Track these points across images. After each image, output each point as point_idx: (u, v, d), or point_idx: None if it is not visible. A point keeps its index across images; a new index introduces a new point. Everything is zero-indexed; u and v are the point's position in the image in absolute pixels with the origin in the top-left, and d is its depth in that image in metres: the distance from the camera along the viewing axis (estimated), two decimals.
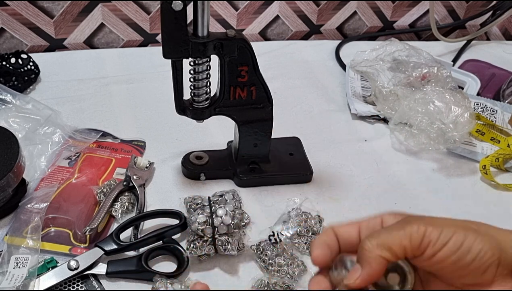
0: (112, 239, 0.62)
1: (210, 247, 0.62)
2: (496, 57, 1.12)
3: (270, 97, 0.69)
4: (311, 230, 0.67)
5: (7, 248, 0.60)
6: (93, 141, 0.78)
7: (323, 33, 1.19)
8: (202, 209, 0.63)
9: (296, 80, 1.00)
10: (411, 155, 0.84)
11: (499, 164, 0.82)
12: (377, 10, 1.19)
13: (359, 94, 0.95)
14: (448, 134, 0.79)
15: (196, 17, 0.61)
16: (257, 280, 0.60)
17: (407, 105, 0.83)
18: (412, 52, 0.95)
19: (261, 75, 0.67)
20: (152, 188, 0.73)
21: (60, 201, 0.68)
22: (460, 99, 0.81)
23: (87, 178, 0.72)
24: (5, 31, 0.98)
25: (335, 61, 1.07)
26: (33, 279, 0.57)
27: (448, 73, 0.90)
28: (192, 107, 0.69)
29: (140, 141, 0.80)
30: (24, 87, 0.88)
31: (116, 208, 0.68)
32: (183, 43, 0.62)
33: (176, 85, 0.66)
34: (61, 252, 0.63)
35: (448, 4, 1.22)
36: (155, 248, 0.63)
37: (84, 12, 1.00)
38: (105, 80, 0.94)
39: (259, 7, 1.10)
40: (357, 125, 0.90)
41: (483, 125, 0.85)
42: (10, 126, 0.75)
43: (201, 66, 0.65)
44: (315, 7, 1.14)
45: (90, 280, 0.60)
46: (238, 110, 0.69)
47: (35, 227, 0.63)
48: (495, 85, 1.01)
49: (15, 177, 0.65)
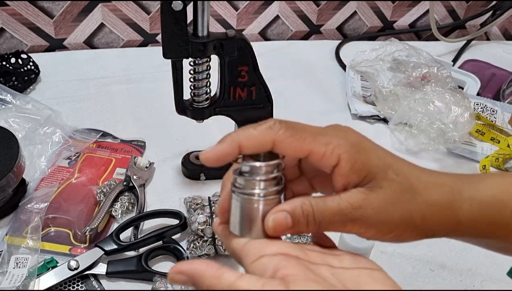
0: (112, 239, 0.62)
1: (210, 247, 0.62)
2: (496, 57, 1.12)
3: (270, 97, 0.69)
4: None
5: (7, 248, 0.60)
6: (93, 142, 0.78)
7: (323, 33, 1.19)
8: (202, 209, 0.63)
9: (296, 80, 1.00)
10: (411, 155, 0.84)
11: (499, 164, 0.82)
12: (377, 10, 1.19)
13: (359, 94, 0.95)
14: (448, 134, 0.79)
15: (196, 17, 0.61)
16: None
17: (407, 106, 0.83)
18: (412, 52, 0.95)
19: (261, 75, 0.67)
20: (152, 188, 0.73)
21: (60, 201, 0.68)
22: (460, 99, 0.81)
23: (87, 178, 0.72)
24: (5, 31, 0.98)
25: (335, 61, 1.07)
26: (33, 279, 0.57)
27: (448, 73, 0.90)
28: (192, 107, 0.69)
29: (140, 141, 0.80)
30: (24, 87, 0.88)
31: (116, 208, 0.68)
32: (183, 43, 0.62)
33: (176, 85, 0.66)
34: (61, 252, 0.63)
35: (448, 4, 1.22)
36: (155, 248, 0.63)
37: (84, 12, 1.00)
38: (105, 80, 0.94)
39: (259, 7, 1.10)
40: (357, 126, 0.90)
41: (483, 125, 0.85)
42: (10, 127, 0.75)
43: (201, 66, 0.65)
44: (315, 7, 1.14)
45: (90, 280, 0.60)
46: (238, 110, 0.69)
47: (35, 227, 0.63)
48: (495, 85, 1.01)
49: (15, 177, 0.65)
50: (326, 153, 0.34)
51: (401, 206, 0.35)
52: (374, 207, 0.34)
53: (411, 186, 0.36)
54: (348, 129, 0.36)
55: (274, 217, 0.34)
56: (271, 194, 0.35)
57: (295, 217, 0.34)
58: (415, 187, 0.36)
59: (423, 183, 0.37)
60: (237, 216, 0.36)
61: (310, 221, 0.34)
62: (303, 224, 0.34)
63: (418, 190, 0.36)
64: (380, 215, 0.35)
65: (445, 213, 0.37)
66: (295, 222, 0.34)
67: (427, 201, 0.36)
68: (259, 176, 0.35)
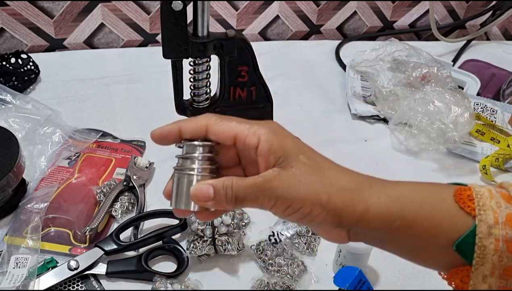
0: (112, 239, 0.62)
1: (210, 247, 0.62)
2: (496, 57, 1.12)
3: (270, 97, 0.69)
4: (311, 230, 0.67)
5: (7, 248, 0.61)
6: (93, 141, 0.78)
7: (323, 33, 1.19)
8: None
9: (296, 81, 1.00)
10: (411, 155, 0.84)
11: (499, 164, 0.82)
12: (377, 10, 1.19)
13: (359, 94, 0.95)
14: (448, 134, 0.79)
15: (196, 17, 0.61)
16: (257, 280, 0.60)
17: (407, 106, 0.83)
18: (412, 52, 0.95)
19: (261, 75, 0.67)
20: (152, 188, 0.73)
21: (60, 201, 0.68)
22: (460, 99, 0.81)
23: (87, 178, 0.72)
24: (5, 31, 0.98)
25: (335, 61, 1.07)
26: (33, 279, 0.57)
27: (448, 73, 0.90)
28: (192, 107, 0.69)
29: (140, 141, 0.80)
30: (24, 87, 0.88)
31: (116, 208, 0.68)
32: (183, 43, 0.62)
33: (176, 85, 0.66)
34: (61, 252, 0.63)
35: (448, 4, 1.22)
36: (155, 248, 0.63)
37: (84, 12, 1.00)
38: (105, 80, 0.94)
39: (259, 7, 1.10)
40: (357, 126, 0.90)
41: (483, 125, 0.85)
42: (10, 127, 0.75)
43: (201, 66, 0.65)
44: (315, 7, 1.14)
45: (90, 280, 0.60)
46: (238, 110, 0.69)
47: (35, 227, 0.63)
48: (495, 85, 1.01)
49: (15, 177, 0.65)
50: (249, 134, 0.40)
51: (308, 184, 0.39)
52: (283, 181, 0.39)
53: (320, 169, 0.40)
54: (271, 121, 0.43)
55: (198, 186, 0.40)
56: (204, 171, 0.41)
57: (216, 189, 0.40)
58: (324, 171, 0.40)
59: (333, 169, 0.41)
60: (174, 190, 0.42)
61: (228, 193, 0.40)
62: (222, 195, 0.40)
63: (327, 174, 0.40)
64: (289, 190, 0.39)
65: (352, 197, 0.40)
66: (216, 193, 0.40)
67: (334, 184, 0.40)
68: (194, 153, 0.41)
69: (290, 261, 0.62)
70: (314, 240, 0.66)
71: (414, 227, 0.39)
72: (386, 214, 0.40)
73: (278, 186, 0.39)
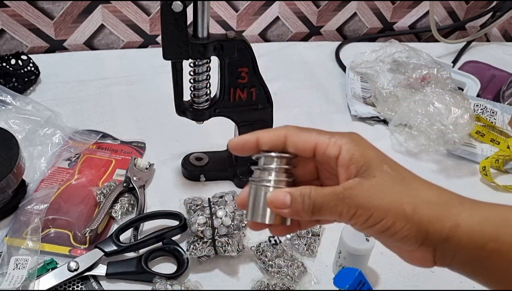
0: (112, 240, 0.62)
1: (210, 248, 0.62)
2: (496, 58, 1.12)
3: (270, 99, 0.69)
4: (311, 231, 0.66)
5: (7, 249, 0.60)
6: (93, 143, 0.78)
7: (323, 35, 1.19)
8: (202, 210, 0.63)
9: (296, 82, 1.00)
10: (411, 156, 0.84)
11: (499, 165, 0.82)
12: (377, 11, 1.19)
13: (359, 95, 0.95)
14: (448, 135, 0.79)
15: (196, 19, 0.61)
16: (257, 281, 0.60)
17: (407, 107, 0.83)
18: (412, 54, 0.95)
19: (261, 77, 0.67)
20: (152, 189, 0.73)
21: (60, 202, 0.68)
22: (460, 101, 0.81)
23: (87, 179, 0.72)
24: (5, 32, 0.98)
25: (335, 63, 1.07)
26: (33, 280, 0.57)
27: (448, 74, 0.90)
28: (192, 109, 0.69)
29: (140, 142, 0.80)
30: (24, 88, 0.88)
31: (116, 209, 0.68)
32: (183, 45, 0.62)
33: (176, 87, 0.66)
34: (61, 253, 0.63)
35: (448, 5, 1.23)
36: (155, 249, 0.63)
37: (84, 14, 1.00)
38: (105, 81, 0.94)
39: (259, 8, 1.10)
40: (357, 127, 0.90)
41: (483, 126, 0.85)
42: (10, 128, 0.75)
43: (201, 67, 0.65)
44: (315, 8, 1.14)
45: (90, 281, 0.60)
46: (238, 111, 0.69)
47: (35, 228, 0.63)
48: (495, 86, 1.01)
49: (15, 178, 0.65)
50: (330, 143, 0.39)
51: (391, 193, 0.37)
52: (364, 189, 0.37)
53: (405, 180, 0.38)
54: (352, 132, 0.41)
55: (275, 193, 0.39)
56: (280, 184, 0.40)
57: (294, 196, 0.39)
58: (409, 182, 0.38)
59: (419, 182, 0.39)
60: (250, 203, 0.41)
61: (305, 201, 0.38)
62: (300, 203, 0.38)
63: (412, 185, 0.38)
64: (370, 198, 0.37)
65: (440, 210, 0.37)
66: (293, 200, 0.39)
67: (420, 195, 0.37)
68: (271, 165, 0.40)
69: (290, 262, 0.62)
70: (314, 241, 0.66)
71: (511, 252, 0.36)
72: (479, 234, 0.36)
73: (359, 194, 0.37)
